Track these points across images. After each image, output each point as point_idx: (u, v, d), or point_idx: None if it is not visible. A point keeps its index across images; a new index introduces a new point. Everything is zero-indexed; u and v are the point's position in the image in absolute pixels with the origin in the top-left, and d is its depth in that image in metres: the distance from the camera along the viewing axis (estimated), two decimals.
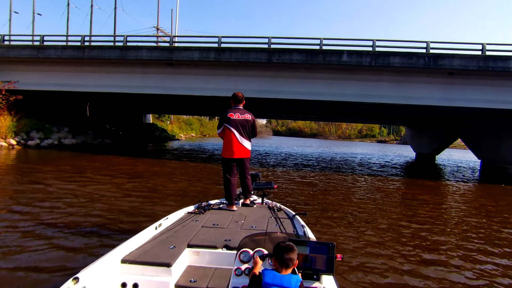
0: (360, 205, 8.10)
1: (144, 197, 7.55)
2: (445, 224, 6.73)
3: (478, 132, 20.01)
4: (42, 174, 9.99)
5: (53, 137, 19.55)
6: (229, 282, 2.21)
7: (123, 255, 2.43)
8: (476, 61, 14.09)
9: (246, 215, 3.79)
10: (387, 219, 6.85)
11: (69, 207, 6.26)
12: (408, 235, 5.74)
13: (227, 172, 4.38)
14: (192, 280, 2.43)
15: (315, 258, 2.11)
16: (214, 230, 3.17)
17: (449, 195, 11.16)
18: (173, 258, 2.43)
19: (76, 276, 1.96)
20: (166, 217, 3.46)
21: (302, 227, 3.20)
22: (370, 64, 14.58)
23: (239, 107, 4.45)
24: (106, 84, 17.41)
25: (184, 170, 13.20)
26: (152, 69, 16.92)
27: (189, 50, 15.84)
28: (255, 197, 4.79)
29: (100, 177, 10.00)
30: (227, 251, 2.70)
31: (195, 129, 59.35)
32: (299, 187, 10.30)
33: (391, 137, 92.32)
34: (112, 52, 16.39)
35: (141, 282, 2.30)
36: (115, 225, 5.30)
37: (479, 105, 15.07)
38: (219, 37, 15.75)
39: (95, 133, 23.52)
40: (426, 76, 15.04)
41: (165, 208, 6.38)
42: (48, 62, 17.39)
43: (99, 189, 8.16)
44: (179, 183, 9.95)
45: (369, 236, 5.48)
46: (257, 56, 15.32)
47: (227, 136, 4.35)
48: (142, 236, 2.82)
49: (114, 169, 12.07)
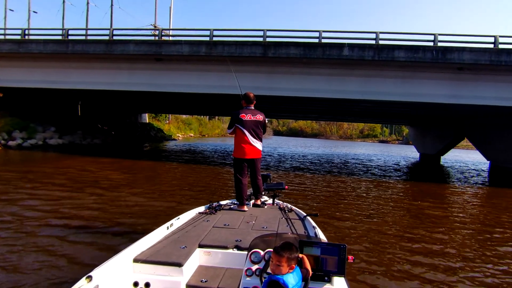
0: (366, 209, 7.46)
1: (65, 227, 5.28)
2: (451, 232, 5.96)
3: (487, 132, 18.91)
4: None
5: (37, 137, 18.54)
6: (240, 282, 2.21)
7: (135, 254, 2.44)
8: (488, 54, 12.98)
9: (257, 216, 3.77)
10: (397, 224, 6.57)
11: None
12: (419, 241, 5.54)
13: (239, 173, 4.39)
14: (203, 280, 2.44)
15: (326, 260, 2.09)
16: (225, 230, 3.17)
17: (456, 202, 10.08)
18: (185, 258, 2.44)
19: (90, 275, 1.97)
20: (177, 217, 3.44)
21: (313, 228, 3.17)
22: (373, 58, 13.50)
23: (251, 107, 4.45)
24: (91, 81, 16.38)
25: (161, 174, 12.17)
26: (140, 65, 15.87)
27: (178, 44, 14.78)
28: (266, 198, 4.75)
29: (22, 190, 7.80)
30: (238, 251, 2.69)
31: (194, 129, 58.37)
32: (299, 192, 9.27)
33: (393, 137, 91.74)
34: (97, 46, 15.35)
35: (152, 282, 2.32)
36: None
37: (490, 102, 13.97)
38: (211, 30, 14.70)
39: (85, 133, 22.48)
40: (433, 72, 13.95)
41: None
42: (31, 58, 16.38)
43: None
44: (137, 196, 7.67)
45: (380, 239, 5.42)
46: (251, 50, 14.25)
47: (239, 137, 4.36)
48: (154, 235, 2.83)
49: (57, 174, 10.40)
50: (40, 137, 18.77)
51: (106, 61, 15.94)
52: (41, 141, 18.61)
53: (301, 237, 2.67)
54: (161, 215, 5.98)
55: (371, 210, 7.70)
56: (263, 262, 2.19)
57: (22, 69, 16.68)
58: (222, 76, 15.36)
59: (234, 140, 4.46)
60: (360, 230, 5.88)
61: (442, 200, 9.96)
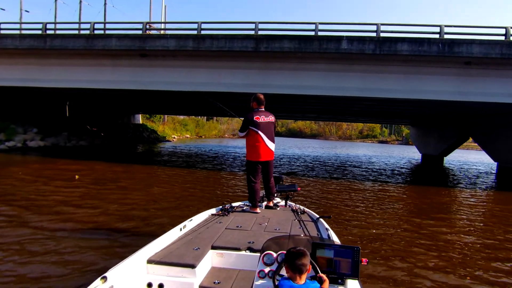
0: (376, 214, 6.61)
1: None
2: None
3: (495, 131, 17.85)
4: None
5: (16, 139, 17.40)
6: (252, 284, 2.20)
7: (149, 255, 2.46)
8: (499, 47, 11.92)
9: (269, 218, 3.77)
10: (407, 229, 6.27)
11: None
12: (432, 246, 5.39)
13: (252, 175, 4.37)
14: (216, 281, 2.44)
15: (340, 262, 2.06)
16: (237, 232, 3.17)
17: (464, 208, 9.03)
18: (198, 259, 2.45)
19: (104, 275, 1.99)
20: (190, 219, 3.45)
21: (326, 230, 3.14)
22: (373, 52, 12.43)
23: (262, 109, 4.45)
24: (72, 79, 15.28)
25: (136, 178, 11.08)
26: (124, 61, 14.79)
27: (164, 38, 13.71)
28: (279, 200, 4.72)
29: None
30: (250, 253, 2.69)
31: (191, 130, 57.27)
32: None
33: (392, 137, 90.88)
34: (77, 41, 14.25)
35: (166, 283, 2.33)
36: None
37: (500, 99, 12.89)
38: (199, 22, 13.63)
39: (71, 134, 21.35)
40: (439, 67, 12.89)
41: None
42: (7, 54, 15.28)
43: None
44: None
45: (394, 242, 5.40)
46: (242, 44, 13.17)
47: (254, 139, 4.33)
48: (167, 237, 2.83)
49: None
50: (20, 139, 17.64)
51: (87, 57, 14.86)
52: (20, 143, 17.48)
53: (314, 239, 2.63)
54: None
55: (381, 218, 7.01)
56: (276, 264, 2.19)
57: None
58: (212, 72, 14.32)
59: (246, 143, 4.43)
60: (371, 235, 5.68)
61: (447, 211, 8.93)
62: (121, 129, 29.76)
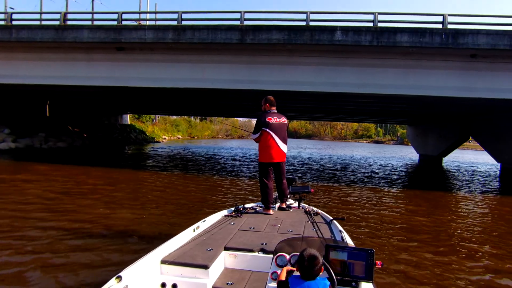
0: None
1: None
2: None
3: (499, 130, 16.82)
4: None
5: None
6: (265, 286, 2.19)
7: (162, 255, 2.47)
8: (508, 38, 10.83)
9: (282, 219, 3.75)
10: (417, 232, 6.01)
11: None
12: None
13: (265, 177, 4.37)
14: (229, 282, 2.44)
15: (354, 265, 2.01)
16: (250, 233, 3.16)
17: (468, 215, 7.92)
18: (211, 260, 2.44)
19: (119, 275, 1.97)
20: (203, 220, 3.42)
21: (340, 232, 3.11)
22: (370, 43, 11.28)
23: (274, 110, 4.45)
24: (42, 74, 13.94)
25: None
26: (98, 55, 13.50)
27: (141, 30, 12.45)
28: (292, 201, 4.67)
29: None
30: (263, 254, 2.68)
31: (182, 131, 55.94)
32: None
33: (387, 137, 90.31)
34: (45, 33, 12.92)
35: (179, 283, 2.33)
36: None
37: (510, 96, 11.82)
38: (179, 12, 12.36)
39: (49, 135, 19.98)
40: (442, 60, 11.78)
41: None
42: None
43: None
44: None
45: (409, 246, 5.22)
46: (226, 36, 11.95)
47: (267, 141, 4.33)
48: (181, 238, 2.83)
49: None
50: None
51: (58, 50, 13.54)
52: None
53: (328, 241, 2.57)
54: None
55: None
56: (289, 265, 2.16)
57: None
58: (194, 67, 13.10)
59: (259, 145, 4.41)
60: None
61: (451, 219, 7.81)
62: (106, 129, 28.39)
